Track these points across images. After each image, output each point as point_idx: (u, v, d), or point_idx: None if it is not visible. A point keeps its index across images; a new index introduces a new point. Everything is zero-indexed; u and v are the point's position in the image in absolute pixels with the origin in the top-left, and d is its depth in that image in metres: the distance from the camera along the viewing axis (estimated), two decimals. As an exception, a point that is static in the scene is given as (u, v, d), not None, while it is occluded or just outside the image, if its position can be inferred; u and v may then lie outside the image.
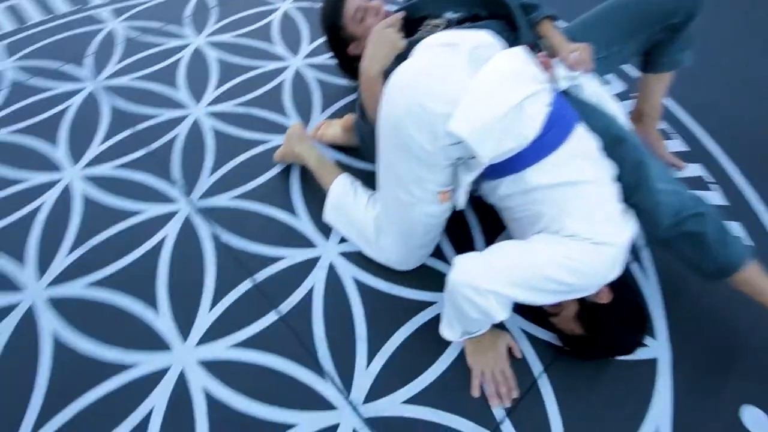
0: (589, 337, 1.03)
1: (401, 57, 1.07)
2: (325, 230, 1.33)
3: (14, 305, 1.21)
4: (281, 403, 1.06)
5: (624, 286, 1.01)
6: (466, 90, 0.91)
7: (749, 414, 1.04)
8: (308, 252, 1.29)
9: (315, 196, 1.40)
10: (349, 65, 1.43)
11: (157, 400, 1.06)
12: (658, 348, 1.12)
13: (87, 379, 1.10)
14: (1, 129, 1.64)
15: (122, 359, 1.12)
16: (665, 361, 1.11)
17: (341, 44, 1.38)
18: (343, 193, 1.27)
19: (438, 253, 1.28)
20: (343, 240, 1.31)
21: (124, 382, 1.09)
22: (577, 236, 0.92)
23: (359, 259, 1.27)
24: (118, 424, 1.03)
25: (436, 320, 1.15)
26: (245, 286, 1.23)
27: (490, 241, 1.29)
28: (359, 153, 1.48)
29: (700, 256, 1.02)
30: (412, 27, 1.32)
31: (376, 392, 1.07)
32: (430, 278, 1.23)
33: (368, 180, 1.30)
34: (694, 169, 1.46)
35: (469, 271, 0.92)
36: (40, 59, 1.89)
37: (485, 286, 0.89)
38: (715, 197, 1.39)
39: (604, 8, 1.29)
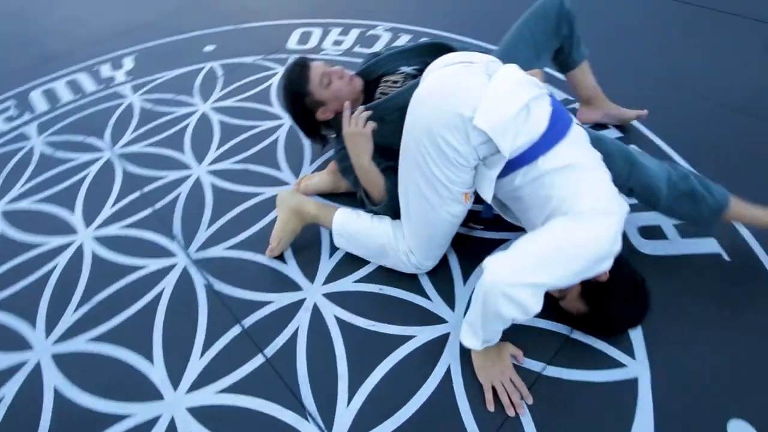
0: (594, 313, 1.10)
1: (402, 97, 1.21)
2: (311, 274, 1.37)
3: (22, 363, 1.28)
4: (264, 446, 1.06)
5: (621, 264, 1.06)
6: (485, 96, 1.05)
7: (736, 428, 1.01)
8: (294, 295, 1.33)
9: (302, 242, 1.45)
10: (317, 129, 1.47)
11: (147, 448, 1.09)
12: (637, 367, 1.12)
13: (83, 431, 1.14)
14: (28, 198, 1.80)
15: (117, 410, 1.16)
16: (645, 380, 1.09)
17: (309, 111, 1.41)
18: (347, 220, 1.35)
19: (418, 287, 1.30)
20: (327, 281, 1.35)
21: (117, 433, 1.13)
22: (584, 212, 1.00)
23: (340, 298, 1.31)
24: (109, 474, 1.06)
25: (415, 353, 1.17)
26: (234, 331, 1.27)
27: (467, 275, 1.32)
28: (344, 197, 1.55)
29: (697, 208, 1.21)
30: (372, 88, 1.41)
31: (357, 429, 1.06)
32: (407, 312, 1.26)
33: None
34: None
35: (502, 270, 0.96)
36: (66, 134, 2.09)
37: (522, 279, 0.94)
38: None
39: (513, 35, 1.44)
